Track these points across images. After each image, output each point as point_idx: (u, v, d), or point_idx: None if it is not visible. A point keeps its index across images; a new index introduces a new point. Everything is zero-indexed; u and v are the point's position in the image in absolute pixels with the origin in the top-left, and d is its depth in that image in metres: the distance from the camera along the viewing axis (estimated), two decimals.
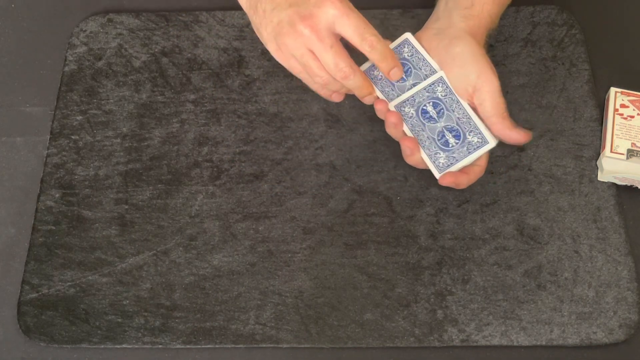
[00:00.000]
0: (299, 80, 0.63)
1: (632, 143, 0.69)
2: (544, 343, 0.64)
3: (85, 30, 0.81)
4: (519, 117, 0.74)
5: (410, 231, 0.69)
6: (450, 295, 0.66)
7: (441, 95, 0.62)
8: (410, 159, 0.65)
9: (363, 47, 0.59)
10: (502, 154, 0.72)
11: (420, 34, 0.66)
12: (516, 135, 0.62)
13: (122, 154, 0.74)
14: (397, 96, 0.65)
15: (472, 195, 0.71)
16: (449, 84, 0.62)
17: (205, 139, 0.75)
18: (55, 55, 0.81)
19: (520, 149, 0.72)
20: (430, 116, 0.62)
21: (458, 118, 0.62)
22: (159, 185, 0.73)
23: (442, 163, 0.62)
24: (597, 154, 0.72)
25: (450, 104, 0.62)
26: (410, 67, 0.64)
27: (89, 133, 0.76)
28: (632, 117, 0.71)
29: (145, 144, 0.75)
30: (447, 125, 0.62)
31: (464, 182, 0.65)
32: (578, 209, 0.70)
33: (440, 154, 0.62)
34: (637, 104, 0.71)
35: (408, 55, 0.64)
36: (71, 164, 0.74)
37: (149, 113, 0.76)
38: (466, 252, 0.68)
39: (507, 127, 0.61)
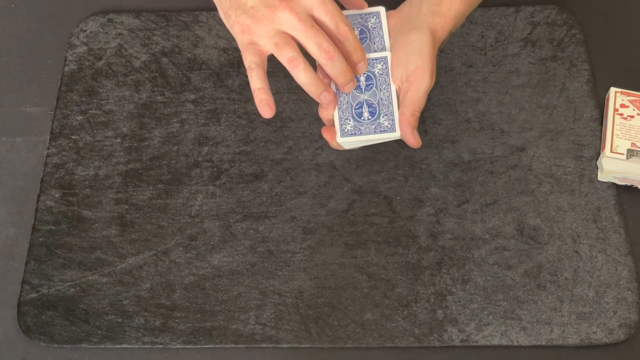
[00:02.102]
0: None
1: (632, 143, 0.69)
2: (544, 343, 0.64)
3: (85, 30, 0.81)
4: (519, 117, 0.74)
5: (410, 231, 0.69)
6: (450, 295, 0.66)
7: (377, 72, 0.64)
8: (323, 112, 0.65)
9: (337, 37, 0.60)
10: (502, 154, 0.72)
11: (392, 12, 0.66)
12: (410, 136, 0.63)
13: (122, 154, 0.74)
14: None
15: (472, 195, 0.71)
16: (389, 67, 0.64)
17: (205, 139, 0.75)
18: (55, 55, 0.81)
19: (521, 149, 0.72)
20: (359, 85, 0.64)
21: (381, 98, 0.63)
22: (159, 185, 0.73)
23: (348, 130, 0.64)
24: (597, 154, 0.72)
25: (381, 84, 0.64)
26: (366, 37, 0.65)
27: (89, 133, 0.76)
28: (632, 117, 0.71)
29: (145, 144, 0.75)
30: (369, 100, 0.64)
31: (333, 144, 0.66)
32: (578, 209, 0.70)
33: (350, 121, 0.64)
34: (637, 104, 0.71)
35: (371, 26, 0.65)
36: (71, 164, 0.74)
37: (149, 113, 0.76)
38: (466, 252, 0.68)
39: (408, 124, 0.62)
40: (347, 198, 0.71)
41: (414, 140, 0.63)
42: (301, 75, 0.59)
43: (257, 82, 0.60)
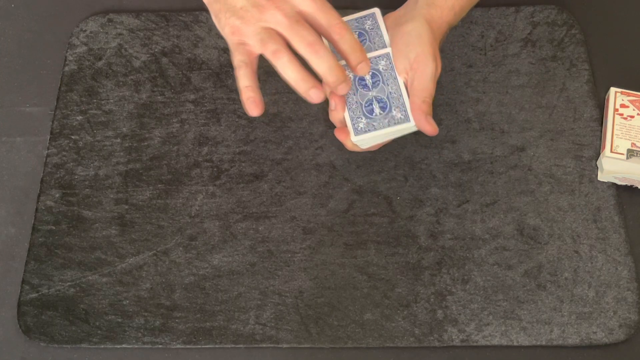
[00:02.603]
0: None
1: (632, 143, 0.69)
2: (544, 343, 0.64)
3: (85, 30, 0.81)
4: (519, 117, 0.74)
5: (410, 231, 0.69)
6: (450, 295, 0.66)
7: (382, 68, 0.64)
8: (334, 115, 0.65)
9: (330, 36, 0.59)
10: (502, 154, 0.72)
11: (388, 14, 0.66)
12: (425, 124, 0.62)
13: (122, 154, 0.74)
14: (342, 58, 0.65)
15: (472, 195, 0.71)
16: (393, 61, 0.64)
17: (205, 139, 0.75)
18: (55, 55, 0.81)
19: (521, 149, 0.72)
20: (366, 84, 0.64)
21: (390, 92, 0.63)
22: (159, 185, 0.73)
23: (361, 128, 0.63)
24: (597, 154, 0.72)
25: (387, 78, 0.64)
26: (366, 39, 0.65)
27: (89, 133, 0.76)
28: (632, 117, 0.71)
29: (145, 144, 0.75)
30: (378, 96, 0.64)
31: (348, 145, 0.66)
32: (578, 209, 0.70)
33: (362, 119, 0.63)
34: (637, 104, 0.71)
35: (369, 28, 0.65)
36: (71, 164, 0.74)
37: (149, 113, 0.76)
38: (466, 252, 0.68)
39: (421, 111, 0.61)
40: (347, 198, 0.71)
41: (429, 127, 0.62)
42: (286, 68, 0.57)
43: (244, 80, 0.59)
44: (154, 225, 0.71)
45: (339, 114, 0.64)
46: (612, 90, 0.73)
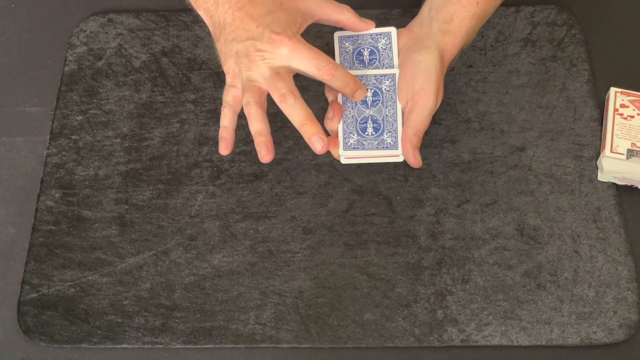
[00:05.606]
0: (299, 80, 0.63)
1: (632, 143, 0.69)
2: (544, 343, 0.64)
3: (85, 30, 0.81)
4: (519, 117, 0.74)
5: (410, 231, 0.69)
6: (450, 295, 0.66)
7: (385, 89, 0.65)
8: (328, 123, 0.66)
9: (323, 78, 0.60)
10: (502, 154, 0.72)
11: (403, 31, 0.67)
12: (411, 155, 0.64)
13: (122, 154, 0.74)
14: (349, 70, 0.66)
15: (472, 195, 0.71)
16: (397, 84, 0.64)
17: (205, 139, 0.75)
18: (55, 55, 0.81)
19: (521, 149, 0.72)
20: (365, 100, 0.65)
21: (386, 115, 0.64)
22: (159, 185, 0.73)
23: (351, 143, 0.65)
24: (597, 154, 0.72)
25: (387, 100, 0.65)
26: (376, 58, 0.66)
27: (89, 133, 0.76)
28: (632, 117, 0.71)
29: (145, 144, 0.75)
30: (374, 116, 0.65)
31: (335, 154, 0.67)
32: (578, 209, 0.70)
33: (353, 135, 0.65)
34: (637, 104, 0.71)
35: (381, 47, 0.66)
36: (71, 164, 0.74)
37: (149, 113, 0.76)
38: (466, 252, 0.68)
39: (411, 144, 0.63)
40: (347, 198, 0.71)
41: (414, 160, 0.64)
42: (252, 120, 0.60)
43: (224, 120, 0.63)
44: (154, 225, 0.71)
45: (334, 124, 0.65)
46: (612, 90, 0.73)
